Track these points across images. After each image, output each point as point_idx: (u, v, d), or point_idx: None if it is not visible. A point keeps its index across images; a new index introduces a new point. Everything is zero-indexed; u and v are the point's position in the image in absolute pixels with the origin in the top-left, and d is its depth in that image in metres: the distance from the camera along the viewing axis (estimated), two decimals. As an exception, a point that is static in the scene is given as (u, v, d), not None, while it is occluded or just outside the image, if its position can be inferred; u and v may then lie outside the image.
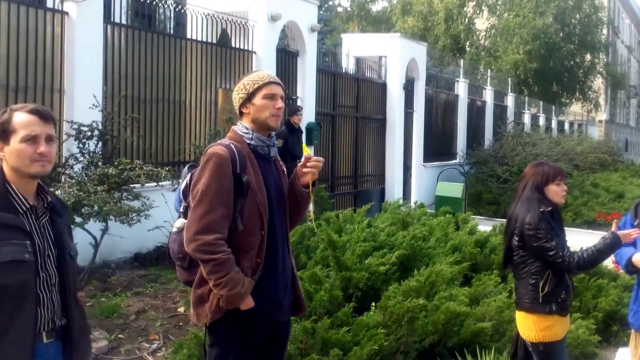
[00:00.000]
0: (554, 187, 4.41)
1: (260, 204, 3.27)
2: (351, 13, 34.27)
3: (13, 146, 2.61)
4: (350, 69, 15.24)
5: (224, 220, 3.17)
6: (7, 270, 2.52)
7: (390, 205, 9.52)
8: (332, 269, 6.12)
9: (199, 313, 3.29)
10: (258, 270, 3.27)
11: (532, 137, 22.19)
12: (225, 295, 3.13)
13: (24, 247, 2.58)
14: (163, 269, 8.00)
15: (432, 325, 5.51)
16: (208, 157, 3.23)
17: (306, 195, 3.47)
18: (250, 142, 3.35)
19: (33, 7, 7.94)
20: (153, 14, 11.09)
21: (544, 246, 4.23)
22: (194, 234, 3.14)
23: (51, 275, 2.67)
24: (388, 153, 16.30)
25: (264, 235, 3.28)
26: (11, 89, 7.57)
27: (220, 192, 3.17)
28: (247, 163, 3.28)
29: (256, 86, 3.38)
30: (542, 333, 4.34)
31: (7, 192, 2.62)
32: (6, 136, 2.62)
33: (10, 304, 2.54)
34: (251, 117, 3.38)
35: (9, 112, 2.65)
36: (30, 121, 2.62)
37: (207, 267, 3.14)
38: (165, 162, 9.34)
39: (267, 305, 3.31)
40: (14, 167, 2.62)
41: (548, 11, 30.42)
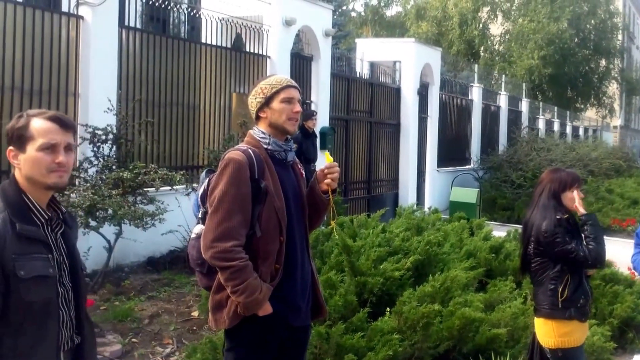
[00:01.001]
0: (571, 194, 4.39)
1: (278, 210, 3.23)
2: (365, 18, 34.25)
3: (29, 154, 2.43)
4: (364, 73, 15.23)
5: (242, 227, 3.14)
6: (33, 287, 2.36)
7: (405, 211, 9.47)
8: (347, 274, 6.09)
9: (217, 318, 3.26)
10: (277, 276, 3.24)
11: (546, 142, 22.09)
12: (243, 301, 3.11)
13: (47, 261, 2.42)
14: (177, 273, 8.00)
15: (447, 331, 5.47)
16: (226, 162, 3.20)
17: (326, 202, 3.44)
18: (268, 147, 3.32)
19: (49, 11, 7.99)
20: (167, 18, 11.12)
21: (565, 249, 4.23)
22: (211, 241, 3.11)
23: (68, 290, 2.52)
24: (402, 158, 16.26)
25: (282, 241, 3.25)
26: (26, 92, 7.60)
27: (238, 199, 3.14)
28: (265, 168, 3.24)
29: (274, 90, 3.34)
30: (561, 339, 4.31)
31: (24, 203, 2.44)
32: (22, 143, 2.44)
33: (35, 323, 2.38)
34: (269, 121, 3.34)
35: (26, 118, 2.46)
36: (49, 129, 2.44)
37: (225, 274, 3.12)
38: (178, 166, 9.35)
39: (285, 311, 3.27)
40: (28, 177, 2.44)
41: (563, 16, 30.27)
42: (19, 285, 2.33)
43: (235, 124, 10.10)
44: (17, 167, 2.47)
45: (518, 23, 31.62)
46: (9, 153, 2.47)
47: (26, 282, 2.34)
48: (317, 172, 3.46)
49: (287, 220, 3.27)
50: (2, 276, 2.31)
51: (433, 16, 31.84)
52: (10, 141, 2.46)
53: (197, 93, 10.06)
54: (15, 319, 2.34)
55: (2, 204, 2.40)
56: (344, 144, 13.81)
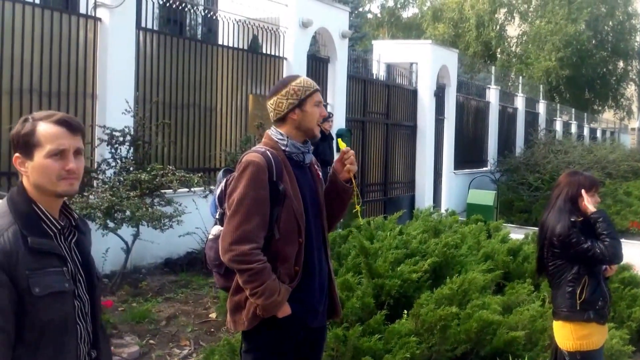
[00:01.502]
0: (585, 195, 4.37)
1: (297, 212, 3.23)
2: (381, 19, 34.25)
3: (37, 162, 2.25)
4: (380, 75, 15.20)
5: (260, 230, 3.14)
6: (49, 304, 2.21)
7: (422, 213, 9.44)
8: (364, 276, 6.07)
9: (236, 320, 3.27)
10: (296, 278, 3.24)
11: (564, 144, 21.96)
12: (262, 304, 3.11)
13: (62, 275, 2.27)
14: (194, 274, 8.01)
15: (464, 334, 5.43)
16: (244, 165, 3.18)
17: (350, 190, 3.44)
18: (286, 149, 3.31)
19: (66, 13, 8.03)
20: (184, 20, 11.16)
21: (582, 248, 4.22)
22: (229, 244, 3.11)
23: (84, 303, 2.37)
24: (418, 160, 16.22)
25: (301, 243, 3.25)
26: (44, 94, 7.65)
27: (257, 202, 3.13)
28: (283, 170, 3.23)
29: (307, 93, 3.31)
30: (579, 342, 4.29)
31: (35, 212, 2.28)
32: (29, 150, 2.26)
33: (52, 341, 2.24)
34: (297, 123, 3.31)
35: (32, 122, 2.27)
36: (57, 133, 2.26)
37: (243, 276, 3.12)
38: (195, 168, 9.37)
39: (303, 312, 3.28)
40: (37, 185, 2.27)
41: (580, 18, 30.12)
42: (35, 303, 2.19)
43: (252, 126, 10.10)
44: (24, 175, 2.30)
45: (535, 24, 31.48)
46: (15, 160, 2.30)
47: (42, 299, 2.19)
48: (335, 164, 3.45)
49: (305, 222, 3.27)
50: (16, 294, 2.16)
51: (450, 18, 31.77)
52: (16, 147, 2.29)
53: (214, 95, 10.08)
54: (31, 338, 2.21)
55: (11, 216, 2.24)
56: (360, 145, 13.78)
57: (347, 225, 8.06)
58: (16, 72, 7.37)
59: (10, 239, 2.19)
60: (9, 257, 2.16)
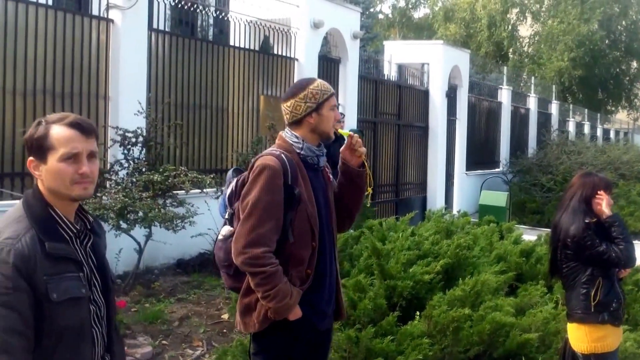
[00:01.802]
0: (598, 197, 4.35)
1: (311, 216, 3.23)
2: (393, 20, 34.11)
3: (51, 165, 2.24)
4: (392, 76, 15.18)
5: (273, 234, 3.14)
6: (67, 310, 2.20)
7: (434, 214, 9.42)
8: (376, 277, 6.06)
9: (246, 322, 3.27)
10: (307, 281, 3.25)
11: (577, 145, 21.84)
12: (274, 306, 3.11)
13: (79, 280, 2.27)
14: (206, 275, 8.02)
15: (477, 336, 5.41)
16: (260, 168, 3.17)
17: (363, 174, 3.44)
18: (301, 152, 3.31)
19: (79, 14, 8.07)
20: (195, 21, 11.18)
21: (597, 251, 4.22)
22: (242, 247, 3.11)
23: (100, 307, 2.37)
24: (430, 161, 16.18)
25: (315, 247, 3.26)
26: (57, 95, 7.68)
27: (271, 205, 3.13)
28: (298, 174, 3.24)
29: (325, 97, 3.32)
30: (594, 344, 4.27)
31: (51, 216, 2.27)
32: (42, 154, 2.25)
33: (69, 347, 2.24)
34: (313, 126, 3.31)
35: (45, 126, 2.26)
36: (70, 137, 2.25)
37: (255, 279, 3.12)
38: (207, 169, 9.39)
39: (312, 315, 3.29)
40: (51, 189, 2.27)
41: (593, 18, 29.91)
42: (52, 309, 2.18)
43: (264, 127, 10.11)
44: (39, 178, 2.29)
45: (547, 24, 31.29)
46: (30, 164, 2.29)
47: (59, 305, 2.19)
48: (342, 153, 3.45)
49: (318, 225, 3.27)
50: (35, 300, 2.16)
51: (461, 18, 31.63)
52: (30, 151, 2.28)
53: (225, 95, 10.09)
54: (48, 344, 2.21)
55: (28, 221, 2.23)
56: (371, 146, 13.75)
57: (359, 226, 8.05)
58: (29, 73, 7.41)
59: (28, 244, 2.18)
60: (27, 262, 2.16)
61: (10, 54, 7.23)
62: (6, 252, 2.15)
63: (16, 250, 2.15)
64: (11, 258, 2.14)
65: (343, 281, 5.76)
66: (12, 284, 2.12)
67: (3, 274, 2.12)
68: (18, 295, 2.13)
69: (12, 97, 7.27)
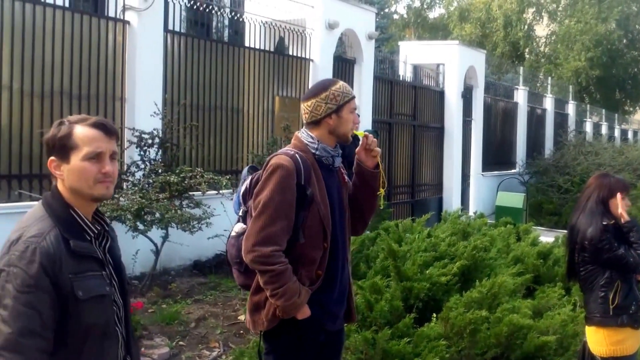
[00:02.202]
0: (616, 200, 4.31)
1: (323, 217, 3.23)
2: (408, 20, 34.03)
3: (74, 164, 2.26)
4: (407, 76, 15.14)
5: (284, 233, 3.14)
6: (92, 308, 2.23)
7: (450, 215, 9.39)
8: (393, 279, 6.04)
9: (255, 320, 3.29)
10: (317, 282, 3.25)
11: (594, 146, 21.68)
12: (282, 305, 3.12)
13: (102, 278, 2.30)
14: (223, 277, 8.03)
15: (494, 338, 5.38)
16: (273, 168, 3.18)
17: (377, 175, 3.42)
18: (316, 152, 3.30)
19: (95, 16, 8.09)
20: (210, 23, 11.19)
21: (616, 255, 4.20)
22: (252, 245, 3.12)
23: (120, 307, 2.40)
24: (446, 162, 16.12)
25: (326, 248, 3.26)
26: (74, 96, 7.71)
27: (283, 205, 3.14)
28: (312, 174, 3.23)
29: (346, 99, 3.31)
30: (613, 347, 4.24)
31: (72, 217, 2.29)
32: (65, 153, 2.27)
33: (95, 346, 2.26)
34: (332, 128, 3.31)
35: (69, 126, 2.29)
36: (94, 136, 2.28)
37: (264, 277, 3.13)
38: (223, 170, 9.39)
39: (322, 316, 3.29)
40: (73, 189, 2.29)
41: (611, 17, 29.70)
42: (78, 307, 2.20)
43: (279, 128, 10.11)
44: (59, 179, 2.30)
45: (564, 24, 31.10)
46: (51, 164, 2.30)
47: (85, 303, 2.21)
48: (358, 154, 3.43)
49: (331, 226, 3.27)
50: (59, 299, 2.16)
51: (477, 18, 31.49)
52: (52, 151, 2.30)
53: (241, 96, 10.10)
54: (74, 343, 2.22)
55: (50, 220, 2.25)
56: (387, 147, 13.73)
57: (375, 227, 8.03)
58: (47, 75, 7.45)
59: (53, 242, 2.20)
60: (53, 260, 2.17)
61: (27, 56, 7.27)
62: (31, 250, 2.16)
63: (42, 248, 2.16)
64: (37, 257, 2.15)
65: (359, 283, 5.76)
66: (35, 283, 2.13)
67: (28, 272, 2.14)
68: (40, 295, 2.14)
69: (30, 99, 7.31)
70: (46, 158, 2.32)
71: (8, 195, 7.07)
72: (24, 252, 2.15)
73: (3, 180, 7.07)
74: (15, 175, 7.17)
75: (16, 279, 2.13)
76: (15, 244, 2.19)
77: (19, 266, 2.14)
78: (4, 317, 2.10)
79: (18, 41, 7.19)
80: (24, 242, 2.17)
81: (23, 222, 2.27)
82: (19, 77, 7.21)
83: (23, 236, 2.20)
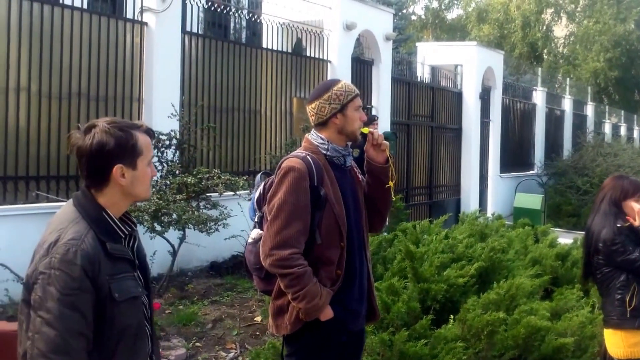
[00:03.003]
0: (633, 203, 4.28)
1: (338, 217, 3.23)
2: (425, 21, 33.90)
3: (140, 170, 2.34)
4: (425, 77, 15.10)
5: (301, 235, 3.14)
6: (128, 309, 2.28)
7: (468, 217, 9.33)
8: (410, 280, 6.01)
9: (279, 324, 3.28)
10: (338, 282, 3.24)
11: (613, 147, 21.53)
12: (304, 307, 3.12)
13: (135, 280, 2.35)
14: (239, 278, 8.04)
15: (512, 340, 5.35)
16: (285, 170, 3.19)
17: (387, 171, 3.41)
18: (327, 153, 3.31)
19: (113, 18, 8.14)
20: (228, 24, 11.22)
21: (629, 259, 4.18)
22: (270, 249, 3.12)
23: (146, 307, 2.45)
24: (464, 163, 16.08)
25: (343, 247, 3.25)
26: (92, 98, 7.76)
27: (297, 207, 3.14)
28: (324, 175, 3.24)
29: (349, 98, 3.32)
30: (630, 349, 4.23)
31: (105, 219, 2.32)
32: (133, 159, 2.32)
33: (128, 347, 2.31)
34: (339, 127, 3.31)
35: (132, 132, 2.33)
36: (149, 143, 2.38)
37: (285, 281, 3.13)
38: (240, 171, 9.41)
39: (344, 316, 3.28)
40: (132, 193, 2.35)
41: (630, 17, 29.48)
42: (114, 309, 2.24)
43: (298, 129, 10.12)
44: (119, 184, 2.31)
45: (583, 25, 30.90)
46: (117, 170, 2.30)
47: (121, 304, 2.26)
48: (367, 151, 3.42)
49: (346, 225, 3.26)
50: (96, 301, 2.21)
51: (495, 19, 31.33)
52: (119, 158, 2.29)
53: (258, 98, 10.12)
54: (109, 344, 2.26)
55: (85, 222, 2.27)
56: (405, 149, 13.71)
57: (393, 228, 8.00)
58: (64, 76, 7.50)
59: (91, 244, 2.24)
60: (93, 262, 2.21)
61: (45, 58, 7.32)
62: (72, 252, 2.19)
63: (82, 251, 2.20)
64: (78, 259, 2.18)
65: (376, 284, 5.73)
66: (79, 285, 2.17)
67: (70, 275, 2.17)
68: (83, 296, 2.18)
69: (48, 101, 7.35)
70: (112, 164, 2.31)
71: (26, 196, 7.12)
72: (65, 255, 2.18)
73: (21, 182, 7.13)
74: (33, 176, 7.21)
75: (59, 281, 2.16)
76: (54, 246, 2.21)
77: (61, 269, 2.17)
78: (48, 319, 2.14)
79: (36, 43, 7.24)
80: (65, 245, 2.20)
81: (57, 224, 2.30)
82: (36, 79, 7.26)
83: (62, 238, 2.22)
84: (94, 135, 2.28)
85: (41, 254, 2.22)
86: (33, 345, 2.14)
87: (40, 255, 2.22)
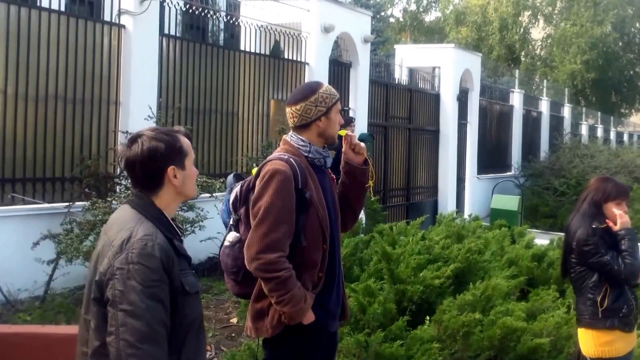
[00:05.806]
0: (614, 207, 4.32)
1: (322, 219, 3.24)
2: (404, 24, 34.04)
3: (189, 170, 2.51)
4: (403, 79, 15.16)
5: (287, 238, 3.13)
6: (193, 302, 2.43)
7: (445, 218, 9.39)
8: (386, 281, 6.04)
9: (259, 327, 3.26)
10: (319, 284, 3.25)
11: (590, 149, 21.73)
12: (289, 311, 3.11)
13: (194, 276, 2.50)
14: (215, 279, 8.02)
15: (487, 341, 5.39)
16: (270, 173, 3.16)
17: (366, 172, 3.47)
18: (308, 155, 3.31)
19: (91, 20, 8.09)
20: (206, 27, 11.20)
21: (601, 261, 4.22)
22: (256, 252, 3.10)
23: None
24: (441, 165, 16.15)
25: (326, 250, 3.26)
26: (69, 100, 7.70)
27: (283, 210, 3.13)
28: (308, 177, 3.24)
29: (334, 101, 3.35)
30: (601, 348, 4.27)
31: (166, 219, 2.47)
32: (181, 160, 2.49)
33: (194, 339, 2.44)
34: (321, 130, 3.33)
35: (176, 135, 2.51)
36: (189, 144, 2.56)
37: (270, 284, 3.11)
38: (217, 173, 9.39)
39: (325, 317, 3.29)
40: (183, 193, 2.52)
41: (606, 20, 29.77)
42: (185, 301, 2.37)
43: (274, 131, 10.12)
44: (173, 184, 2.46)
45: (560, 27, 31.18)
46: (170, 172, 2.45)
47: (190, 298, 2.39)
48: (345, 154, 3.47)
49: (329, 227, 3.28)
50: (170, 292, 2.32)
51: (473, 21, 31.54)
52: (171, 159, 2.45)
53: (236, 100, 10.11)
54: (179, 337, 2.36)
55: (151, 223, 2.39)
56: (382, 150, 13.75)
57: (370, 230, 8.02)
58: (42, 79, 7.44)
59: (163, 239, 2.35)
60: (168, 256, 2.32)
61: (22, 60, 7.26)
62: (150, 246, 2.30)
63: (158, 244, 2.33)
64: (157, 252, 2.30)
65: (352, 285, 5.76)
66: (159, 277, 2.28)
67: (150, 267, 2.27)
68: (163, 288, 2.29)
69: (24, 103, 7.29)
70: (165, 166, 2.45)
71: (1, 198, 7.06)
72: (143, 249, 2.29)
73: (-3, 184, 7.06)
74: (9, 179, 7.15)
75: (139, 274, 2.26)
76: (128, 243, 2.30)
77: (140, 262, 2.28)
78: (133, 311, 2.22)
79: (13, 45, 7.18)
80: (141, 240, 2.31)
81: (122, 224, 2.39)
82: (13, 81, 7.20)
83: (135, 235, 2.33)
84: (142, 143, 2.42)
85: (114, 251, 2.31)
86: (118, 339, 2.22)
87: (114, 252, 2.30)
